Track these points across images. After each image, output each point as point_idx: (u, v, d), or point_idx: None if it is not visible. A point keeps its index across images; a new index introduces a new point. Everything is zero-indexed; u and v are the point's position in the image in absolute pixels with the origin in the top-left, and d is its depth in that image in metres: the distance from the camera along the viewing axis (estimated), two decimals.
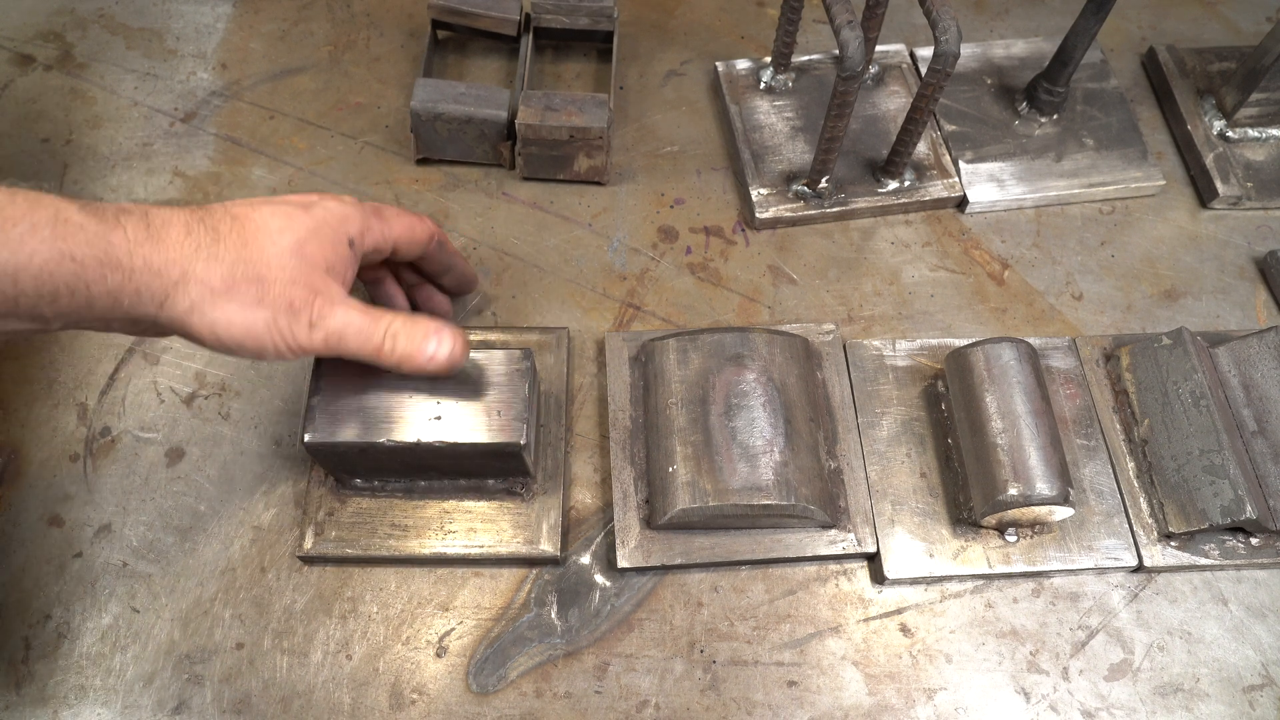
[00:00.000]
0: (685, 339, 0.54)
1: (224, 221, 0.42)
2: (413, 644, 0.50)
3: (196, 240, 0.41)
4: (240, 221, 0.42)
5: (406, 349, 0.45)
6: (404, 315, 0.45)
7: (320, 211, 0.45)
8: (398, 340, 0.45)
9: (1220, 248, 0.65)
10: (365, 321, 0.44)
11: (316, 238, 0.44)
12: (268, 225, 0.43)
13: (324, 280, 0.44)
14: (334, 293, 0.44)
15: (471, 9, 0.66)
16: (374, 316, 0.44)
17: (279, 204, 0.44)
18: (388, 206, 0.50)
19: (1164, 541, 0.53)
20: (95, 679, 0.48)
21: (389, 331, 0.44)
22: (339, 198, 0.47)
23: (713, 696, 0.49)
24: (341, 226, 0.45)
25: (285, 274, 0.42)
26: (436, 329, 0.45)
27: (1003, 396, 0.51)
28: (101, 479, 0.53)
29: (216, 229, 0.41)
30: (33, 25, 0.70)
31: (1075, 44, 0.62)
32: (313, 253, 0.43)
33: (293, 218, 0.44)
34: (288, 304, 0.42)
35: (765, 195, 0.64)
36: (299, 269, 0.43)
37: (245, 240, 0.42)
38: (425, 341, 0.45)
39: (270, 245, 0.42)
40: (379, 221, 0.48)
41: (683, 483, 0.49)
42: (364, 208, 0.47)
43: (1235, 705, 0.50)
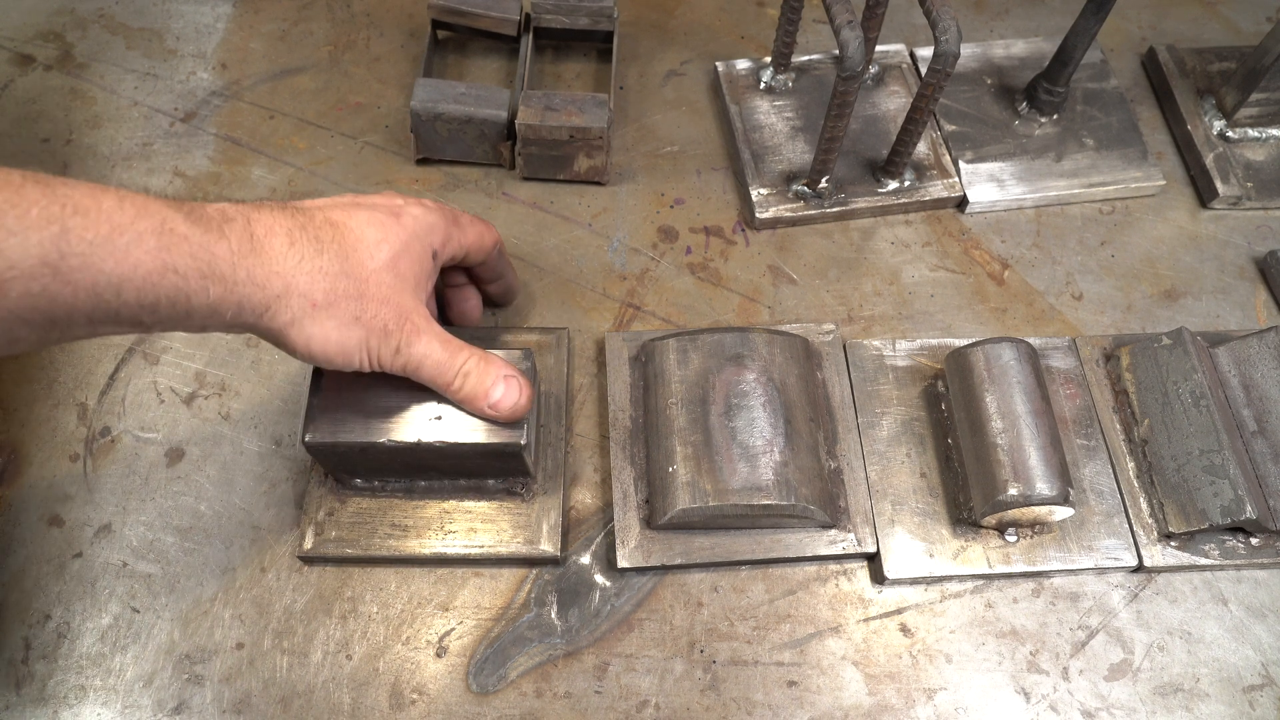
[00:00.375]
0: (685, 339, 0.54)
1: (325, 230, 0.42)
2: (413, 644, 0.50)
3: (300, 251, 0.40)
4: (339, 230, 0.42)
5: (474, 390, 0.45)
6: (480, 354, 0.46)
7: (410, 221, 0.45)
8: (468, 380, 0.45)
9: (1220, 248, 0.65)
10: (444, 356, 0.44)
11: (409, 253, 0.44)
12: (365, 236, 0.43)
13: (413, 300, 0.44)
14: (420, 316, 0.44)
15: (471, 9, 0.66)
16: (452, 351, 0.45)
17: (371, 209, 0.44)
18: (461, 213, 0.49)
19: (1164, 541, 0.53)
20: (95, 679, 0.48)
21: (462, 370, 0.45)
22: (422, 202, 0.47)
23: (713, 696, 0.49)
24: (428, 237, 0.45)
25: (382, 291, 0.42)
26: (508, 376, 0.46)
27: (1003, 396, 0.51)
28: (101, 479, 0.53)
29: (319, 238, 0.41)
30: (33, 25, 0.70)
31: (1075, 44, 0.62)
32: (405, 269, 0.44)
33: (388, 228, 0.44)
34: (382, 326, 0.43)
35: (765, 195, 0.64)
36: (394, 287, 0.43)
37: (346, 253, 0.42)
38: (494, 386, 0.45)
39: (369, 260, 0.42)
40: (458, 230, 0.48)
41: (683, 483, 0.49)
42: (445, 214, 0.47)
43: (1235, 705, 0.50)
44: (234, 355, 0.57)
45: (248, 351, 0.58)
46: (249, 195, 0.63)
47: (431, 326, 0.44)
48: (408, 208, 0.45)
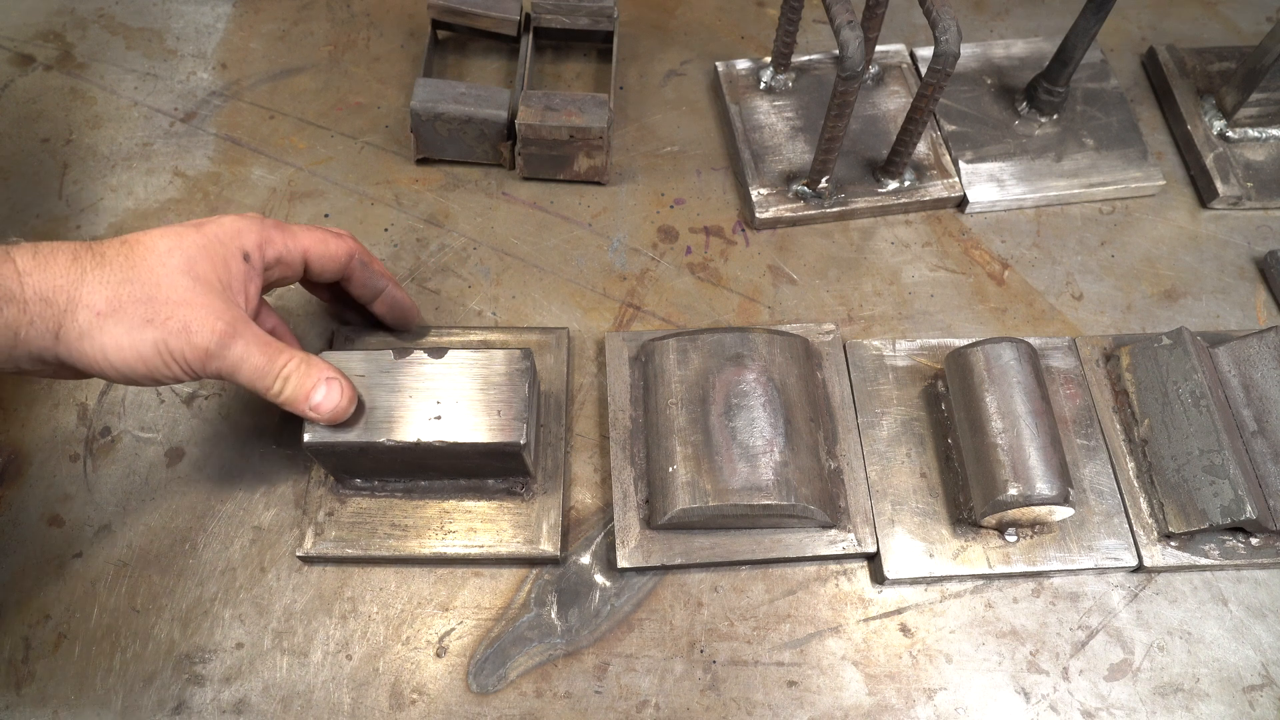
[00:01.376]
0: (685, 339, 0.54)
1: (112, 247, 0.42)
2: (413, 644, 0.50)
3: (82, 265, 0.41)
4: (128, 245, 0.42)
5: (294, 394, 0.45)
6: (301, 357, 0.45)
7: (212, 228, 0.45)
8: (287, 383, 0.45)
9: (1220, 248, 0.65)
10: (262, 360, 0.44)
11: (207, 255, 0.43)
12: (155, 246, 0.43)
13: (222, 302, 0.43)
14: (232, 318, 0.43)
15: (471, 9, 0.66)
16: (271, 355, 0.44)
17: (170, 226, 0.44)
18: (297, 224, 0.49)
19: (1164, 541, 0.53)
20: (95, 679, 0.48)
21: (281, 374, 0.44)
22: (239, 215, 0.47)
23: (713, 696, 0.49)
24: (234, 240, 0.45)
25: (176, 294, 0.42)
26: (328, 379, 0.45)
27: (1003, 396, 0.51)
28: (101, 479, 0.53)
29: (103, 254, 0.41)
30: (33, 25, 0.70)
31: (1075, 44, 0.62)
32: (205, 272, 0.43)
33: (182, 236, 0.43)
34: (182, 325, 0.42)
35: (765, 195, 0.64)
36: (192, 290, 0.42)
37: (133, 262, 0.42)
38: (314, 390, 0.45)
39: (159, 265, 0.42)
40: (281, 234, 0.47)
41: (683, 483, 0.49)
42: (262, 220, 0.47)
43: (1235, 705, 0.50)
44: None
45: None
46: (249, 195, 0.63)
47: (248, 329, 0.44)
48: (215, 219, 0.45)
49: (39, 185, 0.63)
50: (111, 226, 0.62)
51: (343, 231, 0.51)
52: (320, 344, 0.58)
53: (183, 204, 0.63)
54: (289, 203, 0.63)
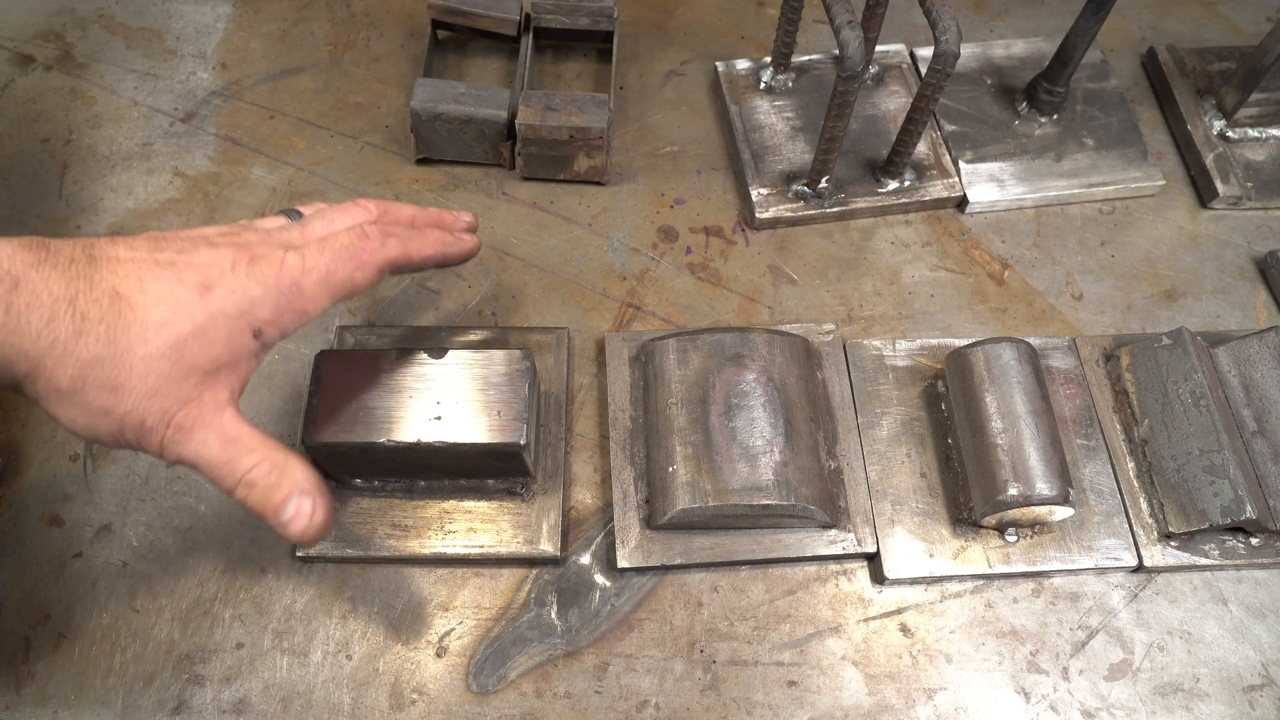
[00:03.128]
0: (685, 339, 0.54)
1: (99, 305, 0.36)
2: (413, 644, 0.50)
3: (56, 331, 0.35)
4: (118, 305, 0.36)
5: (260, 506, 0.39)
6: (272, 458, 0.39)
7: (220, 299, 0.38)
8: (252, 492, 0.39)
9: (1220, 248, 0.65)
10: (221, 458, 0.38)
11: (204, 337, 0.38)
12: (148, 317, 0.37)
13: (196, 389, 0.38)
14: (197, 409, 0.38)
15: (471, 9, 0.66)
16: (233, 455, 0.39)
17: (179, 274, 0.38)
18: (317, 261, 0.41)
19: (1164, 541, 0.53)
20: (95, 679, 0.48)
21: (244, 480, 0.39)
22: (263, 265, 0.39)
23: (713, 696, 0.49)
24: (244, 318, 0.39)
25: (145, 384, 0.37)
26: (300, 493, 0.39)
27: (1003, 396, 0.51)
28: (101, 479, 0.53)
29: (86, 316, 0.36)
30: (33, 25, 0.70)
31: (1075, 44, 0.62)
32: (195, 354, 0.38)
33: (181, 307, 0.37)
34: (139, 422, 0.37)
35: (765, 195, 0.64)
36: (167, 375, 0.37)
37: (114, 335, 0.36)
38: (282, 506, 0.39)
39: (140, 345, 0.36)
40: (301, 300, 0.40)
41: (683, 483, 0.49)
42: (285, 283, 0.40)
43: (1235, 705, 0.50)
44: None
45: None
46: (249, 195, 0.63)
47: (213, 420, 0.38)
48: (233, 275, 0.39)
49: (39, 185, 0.63)
50: (111, 226, 0.62)
51: (364, 243, 0.43)
52: (321, 343, 0.58)
53: (183, 204, 0.63)
54: (289, 203, 0.63)
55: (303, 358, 0.57)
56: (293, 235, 0.42)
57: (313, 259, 0.41)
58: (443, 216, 0.50)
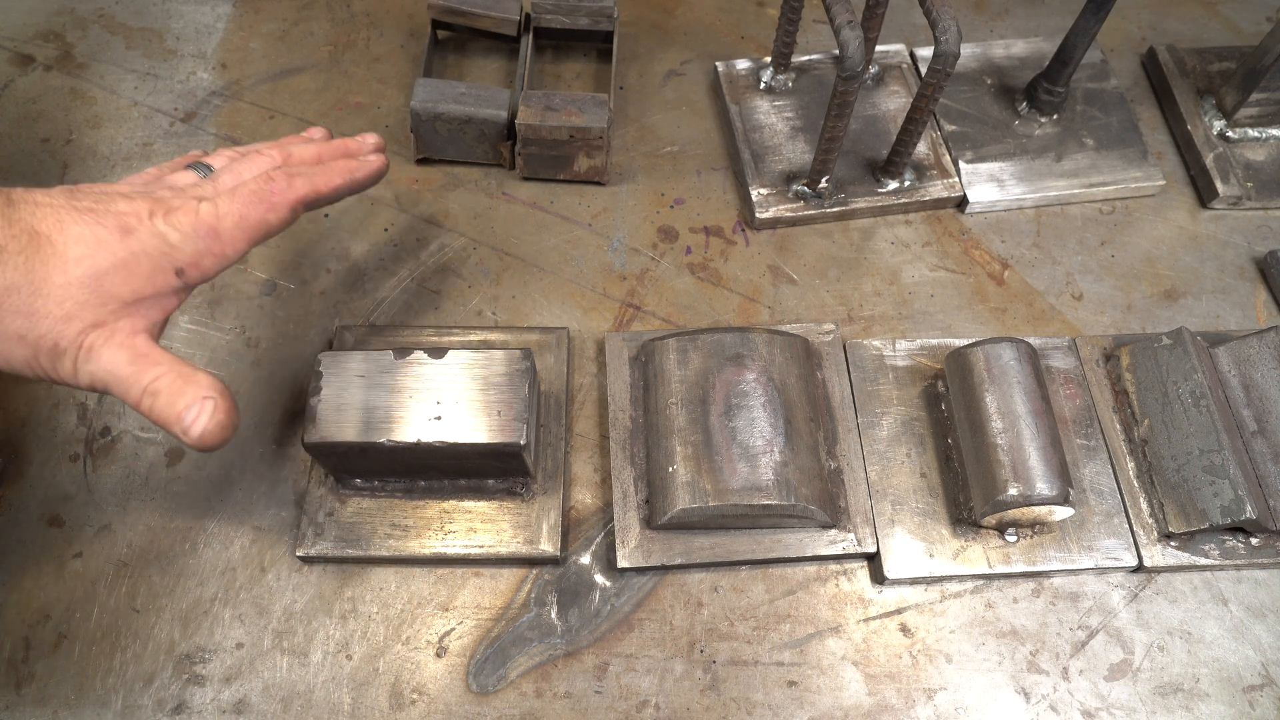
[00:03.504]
0: (685, 339, 0.54)
1: (18, 240, 0.38)
2: (413, 644, 0.50)
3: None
4: (36, 241, 0.38)
5: (164, 414, 0.40)
6: (176, 370, 0.41)
7: (141, 240, 0.40)
8: (156, 400, 0.40)
9: (1220, 248, 0.65)
10: (128, 371, 0.40)
11: (125, 270, 0.39)
12: (66, 251, 0.38)
13: (114, 313, 0.39)
14: (113, 331, 0.39)
15: (471, 9, 0.66)
16: (140, 367, 0.40)
17: (99, 219, 0.39)
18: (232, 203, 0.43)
19: (1164, 541, 0.53)
20: (95, 679, 0.48)
21: (149, 389, 0.40)
22: (179, 219, 0.41)
23: (713, 696, 0.49)
24: (165, 257, 0.40)
25: (61, 309, 0.38)
26: (202, 397, 0.41)
27: (1003, 396, 0.51)
28: (101, 479, 0.53)
29: (4, 249, 0.37)
30: (33, 25, 0.70)
31: (1075, 44, 0.62)
32: (115, 285, 0.39)
33: (102, 244, 0.39)
34: (52, 344, 0.38)
35: (765, 195, 0.64)
36: (84, 302, 0.38)
37: (31, 266, 0.37)
38: (186, 410, 0.40)
39: (58, 274, 0.38)
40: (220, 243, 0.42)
41: (683, 483, 0.49)
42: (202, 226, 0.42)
43: (1235, 705, 0.50)
44: (234, 356, 0.57)
45: (248, 352, 0.58)
46: None
47: (125, 341, 0.40)
48: (151, 223, 0.40)
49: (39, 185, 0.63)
50: None
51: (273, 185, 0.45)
52: (321, 343, 0.58)
53: None
54: None
55: (303, 358, 0.57)
56: (204, 189, 0.45)
57: (225, 205, 0.43)
58: (347, 144, 0.51)
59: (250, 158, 0.48)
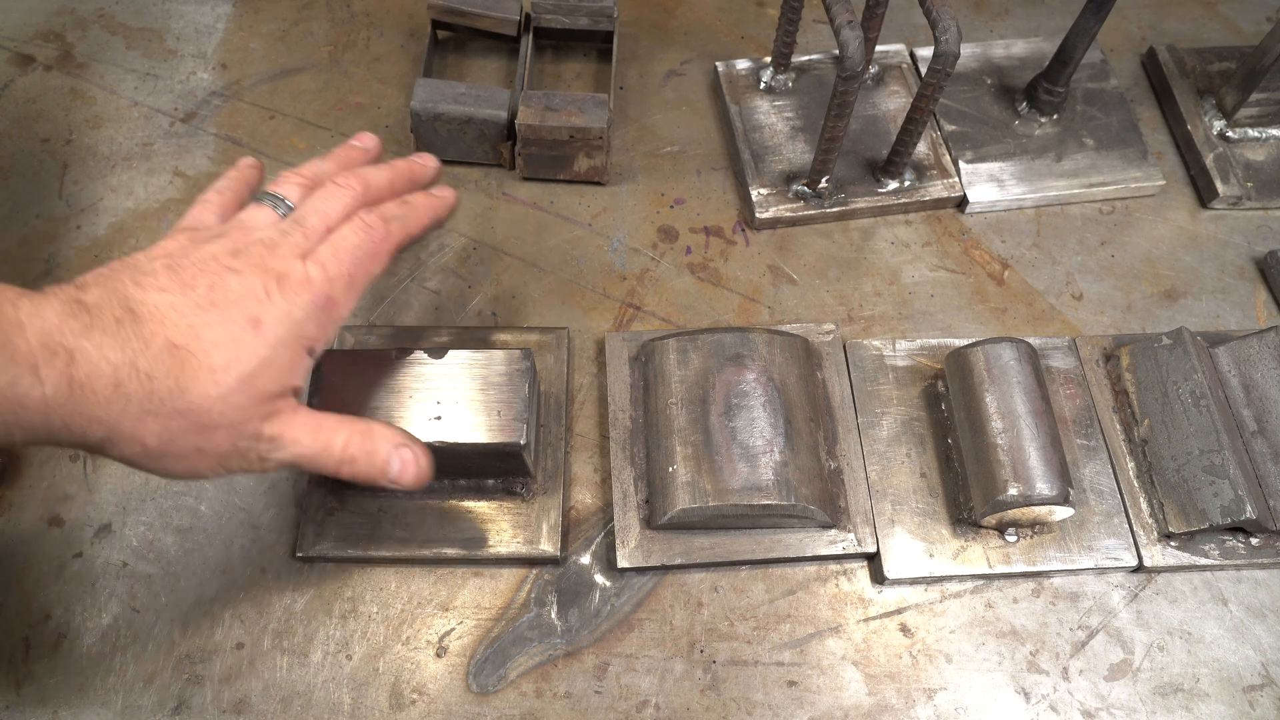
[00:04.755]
0: (685, 339, 0.54)
1: (161, 361, 0.37)
2: (413, 644, 0.50)
3: (126, 395, 0.36)
4: (179, 357, 0.37)
5: (368, 475, 0.43)
6: (358, 431, 0.42)
7: (273, 330, 0.39)
8: (355, 466, 0.42)
9: (1220, 248, 0.65)
10: (316, 449, 0.41)
11: (271, 368, 0.39)
12: (211, 361, 0.38)
13: (273, 403, 0.40)
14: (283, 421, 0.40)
15: (471, 9, 0.66)
16: (324, 441, 0.41)
17: (225, 313, 0.39)
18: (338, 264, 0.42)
19: (1164, 541, 0.53)
20: (95, 679, 0.48)
21: (343, 459, 0.42)
22: (293, 285, 0.40)
23: (713, 696, 0.49)
24: (297, 341, 0.40)
25: (229, 419, 0.38)
26: (396, 446, 0.43)
27: (1003, 396, 0.51)
28: (101, 479, 0.53)
29: (152, 375, 0.36)
30: (33, 25, 0.70)
31: (1075, 44, 0.62)
32: (265, 383, 0.39)
33: (241, 345, 0.38)
34: (231, 448, 0.39)
35: (765, 195, 0.64)
36: (246, 406, 0.39)
37: (184, 385, 0.37)
38: (386, 465, 0.43)
39: (212, 388, 0.37)
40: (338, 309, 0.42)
41: (683, 483, 0.49)
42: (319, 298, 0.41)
43: (1235, 705, 0.50)
44: None
45: None
46: None
47: (294, 421, 0.40)
48: (272, 303, 0.40)
49: (39, 185, 0.63)
50: (112, 226, 0.62)
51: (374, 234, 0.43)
52: None
53: (183, 204, 0.63)
54: None
55: None
56: (297, 239, 0.43)
57: (333, 267, 0.42)
58: (413, 170, 0.50)
59: (328, 189, 0.45)
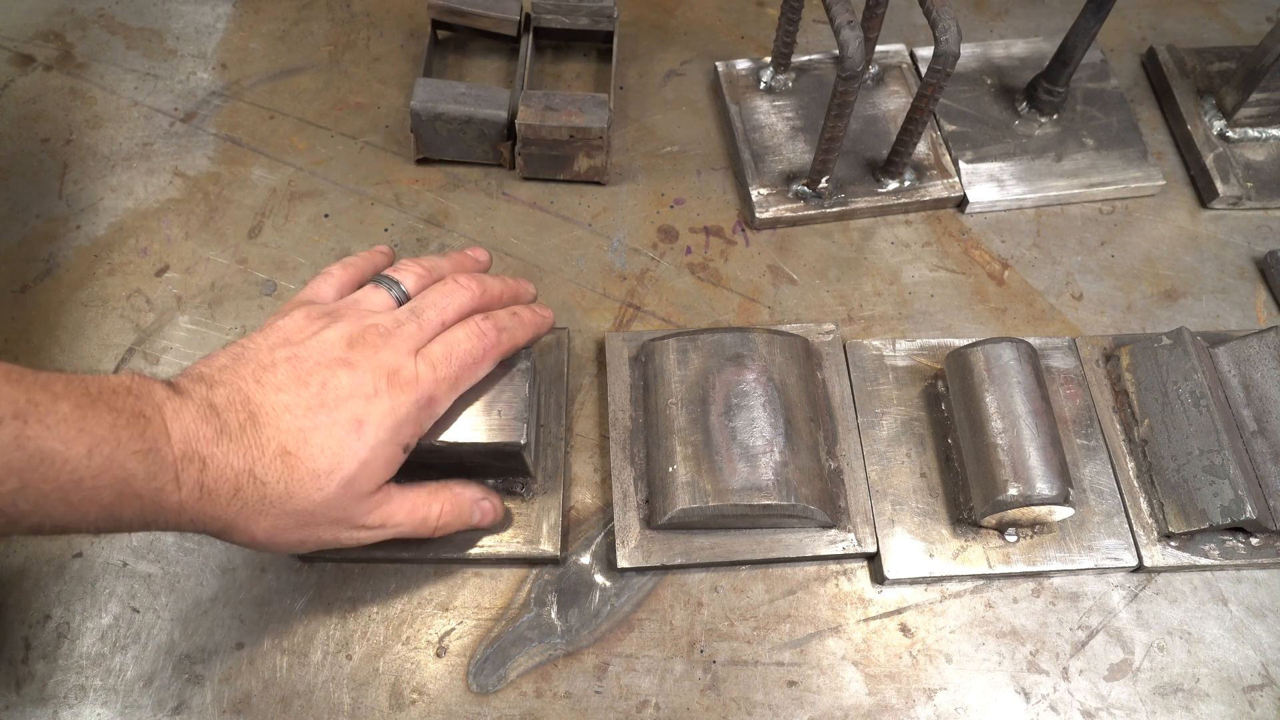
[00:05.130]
0: (685, 339, 0.54)
1: (273, 468, 0.40)
2: (413, 644, 0.50)
3: (243, 499, 0.39)
4: (289, 463, 0.40)
5: (457, 527, 0.48)
6: (442, 497, 0.47)
7: (375, 431, 0.42)
8: (449, 529, 0.47)
9: (1220, 248, 0.65)
10: (414, 524, 0.45)
11: (368, 469, 0.42)
12: (316, 466, 0.40)
13: (371, 498, 0.43)
14: (377, 510, 0.44)
15: (471, 9, 0.66)
16: (420, 517, 0.46)
17: (333, 416, 0.41)
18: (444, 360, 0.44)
19: (1164, 541, 0.53)
20: (95, 679, 0.48)
21: (438, 526, 0.47)
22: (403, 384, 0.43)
23: (713, 696, 0.49)
24: (395, 441, 0.43)
25: (329, 516, 0.42)
26: (476, 502, 0.48)
27: (1003, 396, 0.51)
28: None
29: (265, 480, 0.40)
30: (33, 25, 0.70)
31: (1075, 44, 0.62)
32: (362, 484, 0.42)
33: (343, 450, 0.41)
34: (333, 539, 0.43)
35: (765, 195, 0.64)
36: (345, 505, 0.42)
37: (291, 491, 0.40)
38: (470, 519, 0.48)
39: (316, 493, 0.41)
40: (437, 406, 0.45)
41: (683, 483, 0.49)
42: (422, 394, 0.43)
43: (1235, 705, 0.50)
44: None
45: None
46: (249, 195, 0.63)
47: (389, 507, 0.44)
48: (378, 404, 0.42)
49: (39, 185, 0.63)
50: (112, 226, 0.62)
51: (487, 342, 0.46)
52: None
53: (183, 204, 0.63)
54: (289, 203, 0.63)
55: None
56: (411, 330, 0.45)
57: (443, 369, 0.44)
58: (520, 285, 0.52)
59: (450, 286, 0.47)
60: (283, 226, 0.62)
